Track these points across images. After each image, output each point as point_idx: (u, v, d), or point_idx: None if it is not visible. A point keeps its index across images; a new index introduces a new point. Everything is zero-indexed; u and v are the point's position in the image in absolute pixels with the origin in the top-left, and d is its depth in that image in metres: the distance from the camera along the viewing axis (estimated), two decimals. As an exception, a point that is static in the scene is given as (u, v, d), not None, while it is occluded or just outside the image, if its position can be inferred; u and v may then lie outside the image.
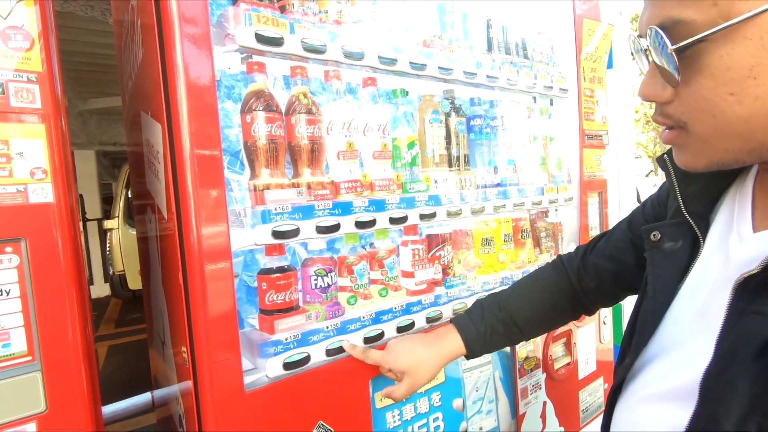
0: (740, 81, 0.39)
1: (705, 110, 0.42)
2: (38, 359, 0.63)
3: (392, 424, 1.05)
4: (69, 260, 0.66)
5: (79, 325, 0.66)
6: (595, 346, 1.62)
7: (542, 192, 1.40)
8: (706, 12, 0.38)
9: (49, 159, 0.64)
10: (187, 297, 0.79)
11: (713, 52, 0.39)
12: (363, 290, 1.02)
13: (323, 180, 0.94)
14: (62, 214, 0.65)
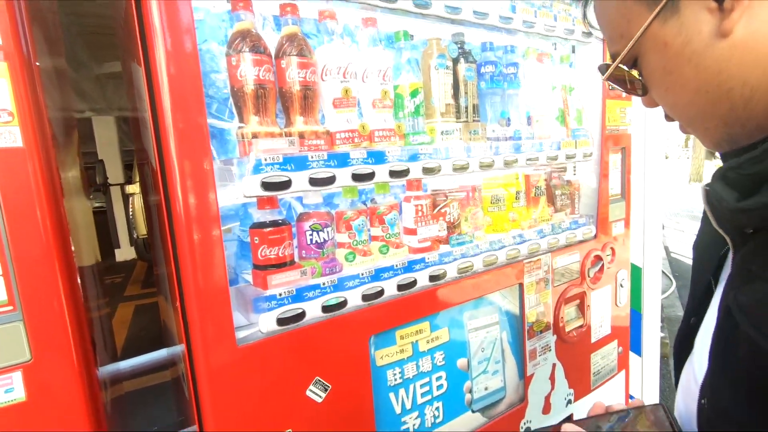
0: (663, 78, 0.50)
1: (668, 105, 0.52)
2: (19, 309, 0.62)
3: (393, 382, 1.04)
4: (45, 208, 0.63)
5: (61, 273, 0.64)
6: (611, 309, 1.57)
7: (559, 146, 1.31)
8: (619, 43, 0.51)
9: (15, 100, 0.60)
10: (175, 250, 0.76)
11: (644, 66, 0.50)
12: (362, 247, 0.98)
13: (317, 129, 0.88)
14: (35, 160, 0.62)
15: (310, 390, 0.88)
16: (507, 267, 1.21)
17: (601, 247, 1.47)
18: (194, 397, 0.80)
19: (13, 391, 0.62)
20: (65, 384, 0.66)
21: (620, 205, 1.54)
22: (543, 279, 1.30)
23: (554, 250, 1.33)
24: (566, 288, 1.38)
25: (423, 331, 1.08)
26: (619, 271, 1.58)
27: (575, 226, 1.41)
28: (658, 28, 0.47)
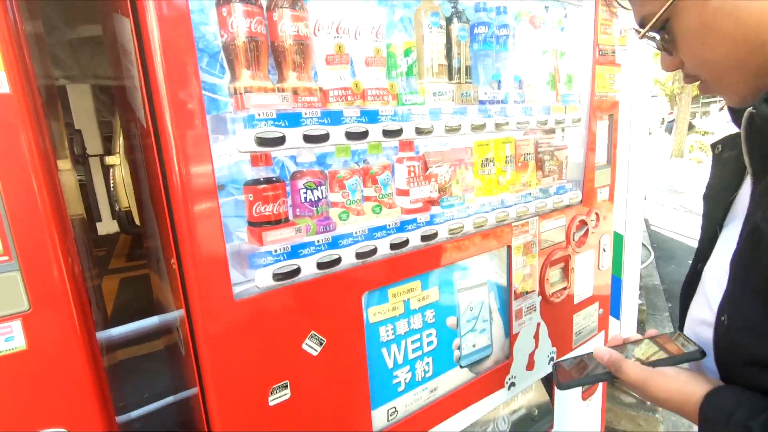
0: (699, 33, 0.53)
1: (700, 60, 0.56)
2: (15, 259, 0.62)
3: (386, 338, 1.07)
4: (36, 156, 0.62)
5: (55, 224, 0.64)
6: (593, 272, 1.62)
7: (549, 111, 1.32)
8: (654, 4, 0.55)
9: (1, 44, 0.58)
10: (170, 206, 0.76)
11: (676, 27, 0.55)
12: (355, 206, 0.99)
13: (311, 86, 0.87)
14: (22, 106, 0.60)
15: (306, 344, 0.90)
16: (496, 229, 1.24)
17: (587, 213, 1.51)
18: (194, 356, 0.82)
19: (13, 339, 0.62)
20: (65, 334, 0.67)
21: (606, 171, 1.58)
22: (530, 242, 1.34)
23: (541, 214, 1.36)
24: (552, 251, 1.42)
25: (414, 290, 1.11)
26: (602, 236, 1.63)
27: (562, 191, 1.44)
28: None
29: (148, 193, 1.09)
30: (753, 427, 0.50)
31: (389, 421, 1.10)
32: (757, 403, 0.52)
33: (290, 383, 0.89)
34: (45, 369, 0.66)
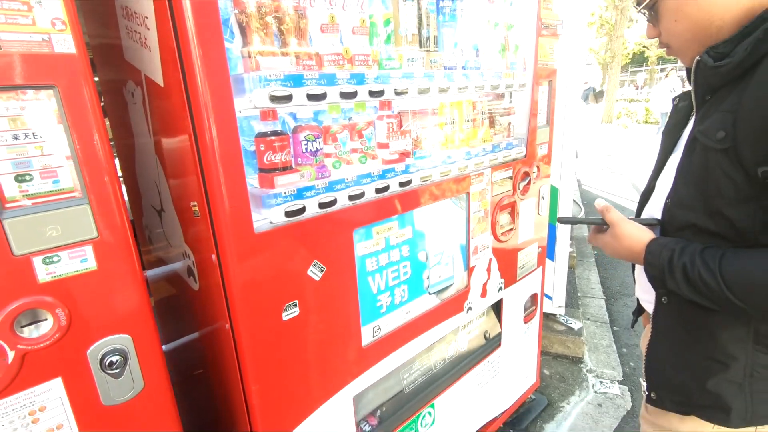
0: (675, 12, 0.79)
1: (671, 32, 0.82)
2: (84, 194, 0.75)
3: (371, 268, 1.29)
4: (96, 110, 0.74)
5: (109, 163, 0.76)
6: (534, 217, 1.92)
7: (500, 77, 1.54)
8: None
9: (66, 10, 0.68)
10: (199, 153, 0.89)
11: (660, 6, 0.81)
12: (345, 156, 1.17)
13: (309, 51, 1.02)
14: (85, 66, 0.72)
15: (310, 270, 1.09)
16: (457, 178, 1.47)
17: (529, 165, 1.79)
18: (222, 283, 0.98)
19: (86, 261, 0.76)
20: (125, 257, 0.81)
21: (545, 130, 1.85)
22: (484, 189, 1.59)
23: (493, 166, 1.61)
24: (501, 198, 1.68)
25: (392, 229, 1.32)
26: (541, 186, 1.92)
27: (510, 147, 1.69)
28: None
29: (148, 148, 1.19)
30: (675, 248, 0.79)
31: (374, 337, 1.33)
32: (683, 242, 0.80)
33: (299, 302, 1.08)
34: (111, 285, 0.80)
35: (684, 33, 0.80)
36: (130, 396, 0.86)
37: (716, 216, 0.77)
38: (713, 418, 0.84)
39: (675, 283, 0.78)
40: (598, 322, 3.07)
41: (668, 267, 0.79)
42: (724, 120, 0.74)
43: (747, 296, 0.70)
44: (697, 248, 0.77)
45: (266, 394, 1.06)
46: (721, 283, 0.72)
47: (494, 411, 1.96)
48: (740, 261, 0.72)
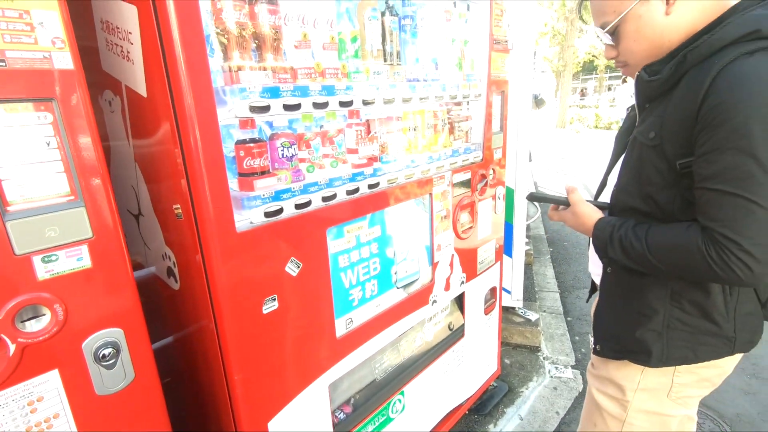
0: (634, 35, 0.93)
1: (630, 52, 0.96)
2: (80, 197, 0.81)
3: (343, 265, 1.39)
4: (92, 122, 0.81)
5: (103, 168, 0.83)
6: (491, 215, 2.09)
7: (458, 88, 1.69)
8: (612, 16, 0.93)
9: (66, 30, 0.75)
10: (184, 159, 0.97)
11: (621, 30, 0.94)
12: (318, 161, 1.27)
13: (284, 65, 1.12)
14: (82, 81, 0.78)
15: (288, 266, 1.18)
16: (421, 180, 1.59)
17: (486, 168, 1.95)
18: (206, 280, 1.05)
19: (82, 259, 0.82)
20: (117, 256, 0.87)
21: (499, 136, 2.02)
22: (445, 191, 1.73)
23: (453, 169, 1.75)
24: (461, 198, 1.83)
25: (362, 228, 1.43)
26: (497, 188, 2.09)
27: (468, 151, 1.84)
28: (637, 8, 0.90)
29: (127, 154, 1.24)
30: (615, 224, 0.97)
31: (347, 329, 1.43)
32: (622, 219, 0.99)
33: (277, 296, 1.17)
34: (105, 282, 0.86)
35: (641, 52, 0.94)
36: (122, 386, 0.92)
37: (648, 199, 0.96)
38: (639, 360, 1.03)
39: (614, 251, 0.97)
40: (553, 314, 3.30)
41: (609, 239, 0.98)
42: (655, 123, 0.92)
43: (661, 256, 0.89)
44: (630, 223, 0.96)
45: (248, 383, 1.14)
46: (645, 248, 0.90)
47: (460, 398, 2.10)
48: (659, 230, 0.91)
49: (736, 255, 0.77)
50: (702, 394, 1.07)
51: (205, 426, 1.31)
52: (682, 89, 0.86)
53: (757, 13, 0.82)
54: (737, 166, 0.76)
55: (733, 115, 0.76)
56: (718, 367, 1.01)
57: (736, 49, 0.80)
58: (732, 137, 0.76)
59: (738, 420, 2.24)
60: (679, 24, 0.89)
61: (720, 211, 0.79)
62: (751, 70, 0.77)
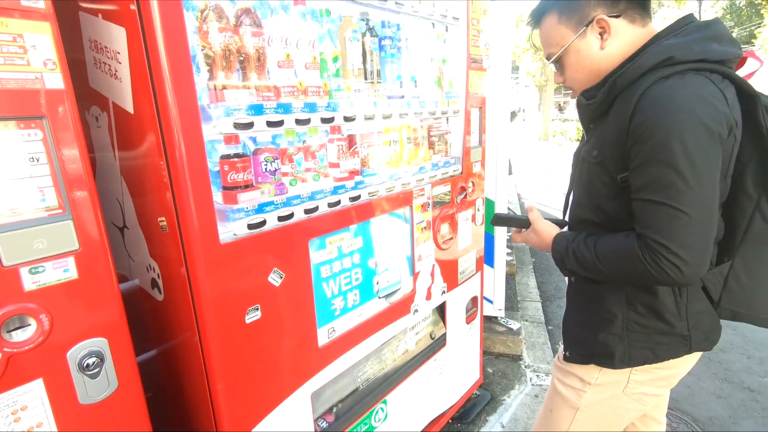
0: (575, 65, 1.04)
1: (573, 79, 1.08)
2: (68, 211, 0.84)
3: (325, 275, 1.43)
4: (80, 138, 0.84)
5: (91, 185, 0.87)
6: (471, 227, 2.15)
7: (437, 104, 1.76)
8: (556, 48, 1.04)
9: (57, 52, 0.79)
10: (170, 173, 1.01)
11: (564, 61, 1.06)
12: (301, 175, 1.32)
13: (268, 84, 1.17)
14: (71, 99, 0.82)
15: (271, 277, 1.22)
16: (401, 193, 1.65)
17: (465, 181, 2.02)
18: (190, 291, 1.08)
19: (69, 271, 0.84)
20: (103, 267, 0.90)
21: (478, 150, 2.09)
22: (426, 203, 1.79)
23: (433, 182, 1.81)
24: (441, 210, 1.89)
25: (344, 239, 1.48)
26: (477, 199, 2.16)
27: (447, 165, 1.91)
28: (576, 43, 1.02)
29: (112, 168, 1.26)
30: (569, 238, 1.05)
31: (329, 338, 1.47)
32: (576, 233, 1.07)
33: (260, 306, 1.20)
34: (90, 292, 0.89)
35: (582, 80, 1.06)
36: (106, 395, 0.94)
37: (598, 211, 1.04)
38: (604, 363, 1.10)
39: (570, 262, 1.05)
40: (535, 323, 3.37)
41: (565, 251, 1.06)
42: (597, 142, 1.01)
43: (607, 263, 0.97)
44: (582, 236, 1.04)
45: (230, 392, 1.16)
46: (595, 257, 0.98)
47: (442, 406, 2.14)
48: (604, 240, 0.99)
49: (667, 258, 0.85)
50: (658, 393, 1.13)
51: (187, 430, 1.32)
52: (615, 111, 0.96)
53: (670, 42, 0.93)
54: (661, 178, 0.85)
55: (655, 133, 0.85)
56: (675, 367, 1.08)
57: (655, 74, 0.89)
58: (655, 152, 0.85)
59: (710, 422, 2.32)
60: (612, 55, 0.99)
61: (651, 219, 0.88)
62: (667, 92, 0.86)
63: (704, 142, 0.84)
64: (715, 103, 0.86)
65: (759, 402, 2.46)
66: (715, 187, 0.87)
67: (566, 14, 1.02)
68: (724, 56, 0.91)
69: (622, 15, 0.98)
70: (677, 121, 0.83)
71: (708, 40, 0.91)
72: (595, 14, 0.98)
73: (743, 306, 1.03)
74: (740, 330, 3.20)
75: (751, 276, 1.00)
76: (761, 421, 2.33)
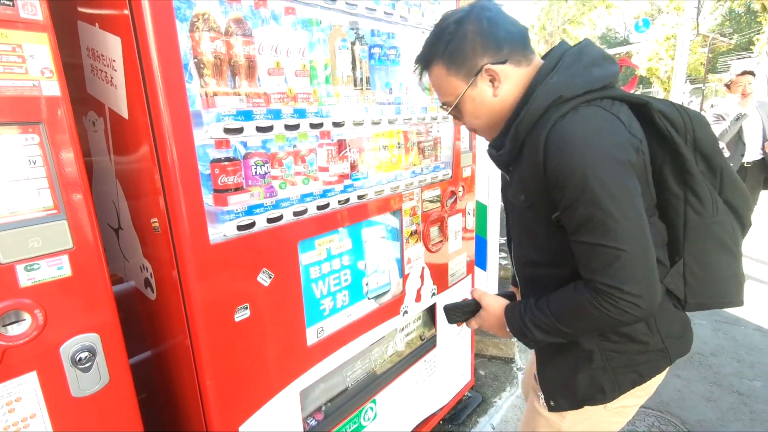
0: (471, 112, 1.04)
1: (472, 124, 1.08)
2: (63, 211, 0.88)
3: (314, 276, 1.47)
4: (75, 142, 0.89)
5: (86, 188, 0.91)
6: (462, 230, 2.19)
7: (426, 110, 1.81)
8: (451, 98, 1.03)
9: (54, 61, 0.84)
10: (162, 176, 1.05)
11: (461, 108, 1.04)
12: (290, 179, 1.36)
13: (258, 91, 1.22)
14: (67, 106, 0.87)
15: (260, 276, 1.26)
16: (390, 197, 1.69)
17: (455, 185, 2.06)
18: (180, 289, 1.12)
19: (63, 268, 0.89)
20: (95, 265, 0.94)
21: (468, 154, 2.14)
22: (415, 206, 1.83)
23: (423, 186, 1.86)
24: (431, 213, 1.93)
25: (334, 241, 1.52)
26: (467, 203, 2.20)
27: (437, 169, 1.96)
28: (470, 92, 1.01)
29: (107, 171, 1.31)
30: (520, 307, 1.03)
31: (318, 337, 1.50)
32: (524, 301, 1.03)
33: (249, 305, 1.24)
34: (83, 289, 0.93)
35: (483, 124, 1.06)
36: (97, 388, 0.97)
37: (541, 251, 1.05)
38: (597, 401, 1.06)
39: (532, 333, 0.99)
40: (528, 326, 3.39)
41: (522, 323, 1.01)
42: (520, 187, 1.01)
43: (568, 322, 0.94)
44: (532, 302, 1.00)
45: (220, 388, 1.20)
46: (554, 320, 0.95)
47: (433, 407, 2.17)
48: (555, 298, 0.96)
49: (622, 299, 0.84)
50: (638, 403, 1.14)
51: (177, 427, 1.35)
52: (527, 154, 0.96)
53: (554, 81, 0.93)
54: (590, 219, 0.85)
55: (571, 176, 0.85)
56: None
57: (551, 114, 0.90)
58: (576, 194, 0.85)
59: (699, 425, 2.35)
60: (506, 99, 1.00)
61: (593, 262, 0.87)
62: (568, 132, 0.87)
63: (617, 173, 0.86)
64: (614, 131, 0.88)
65: (747, 405, 2.49)
66: (641, 214, 0.88)
67: (454, 66, 1.00)
68: (606, 80, 0.94)
69: (508, 60, 0.98)
70: (586, 160, 0.84)
71: (587, 67, 0.94)
72: (482, 63, 0.97)
73: (706, 296, 1.04)
74: (731, 334, 3.23)
75: (702, 267, 1.02)
76: (749, 424, 2.35)
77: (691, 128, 0.98)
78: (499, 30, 0.97)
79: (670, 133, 0.95)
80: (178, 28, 1.12)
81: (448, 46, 0.99)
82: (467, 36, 0.97)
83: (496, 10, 0.99)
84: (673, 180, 0.99)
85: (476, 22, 0.97)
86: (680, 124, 0.98)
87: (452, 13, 1.01)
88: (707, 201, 0.99)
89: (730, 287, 1.05)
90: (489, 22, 0.97)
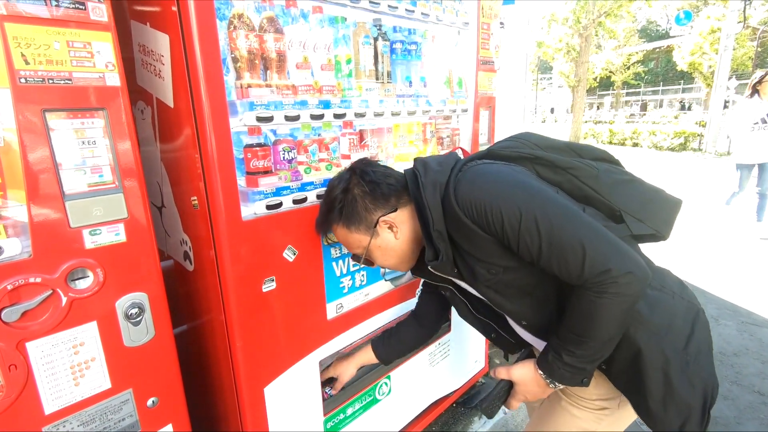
0: (381, 257, 1.20)
1: (384, 264, 1.23)
2: (120, 186, 1.03)
3: (335, 255, 1.59)
4: (131, 125, 1.03)
5: (138, 165, 1.05)
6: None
7: (445, 103, 1.89)
8: (360, 249, 1.20)
9: (116, 57, 0.98)
10: (202, 159, 1.19)
11: (371, 256, 1.20)
12: (315, 164, 1.48)
13: (287, 83, 1.34)
14: (125, 95, 1.01)
15: (285, 252, 1.39)
16: (409, 185, 1.79)
17: (473, 176, 2.13)
18: (216, 260, 1.26)
19: (119, 235, 1.03)
20: (147, 233, 1.09)
21: (487, 146, 2.20)
22: (433, 195, 1.92)
23: (440, 176, 1.94)
24: (448, 202, 2.02)
25: (354, 224, 1.63)
26: (485, 194, 2.27)
27: (456, 160, 2.03)
28: (374, 241, 1.16)
29: (156, 154, 1.47)
30: (549, 353, 1.00)
31: (337, 313, 1.63)
32: (549, 348, 1.01)
33: (276, 278, 1.37)
34: (135, 254, 1.08)
35: (394, 263, 1.23)
36: (145, 340, 1.13)
37: (548, 296, 1.07)
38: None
39: (575, 369, 0.96)
40: (546, 319, 3.42)
41: (564, 367, 0.97)
42: (482, 266, 1.04)
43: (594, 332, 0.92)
44: (554, 341, 0.99)
45: (248, 350, 1.34)
46: (584, 338, 0.93)
47: (446, 389, 2.26)
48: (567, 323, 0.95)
49: (616, 280, 0.87)
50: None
51: (209, 381, 1.51)
52: (457, 234, 1.04)
53: (428, 178, 1.07)
54: (538, 234, 0.91)
55: (492, 210, 0.94)
56: None
57: (447, 190, 1.03)
58: (513, 222, 0.92)
59: (714, 422, 2.34)
60: (408, 237, 1.17)
61: (571, 268, 0.90)
62: (461, 186, 1.01)
63: (522, 176, 1.00)
64: (500, 166, 1.05)
65: (767, 405, 2.46)
66: (569, 205, 0.95)
67: (354, 224, 1.15)
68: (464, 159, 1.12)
69: (398, 207, 1.15)
70: (489, 186, 0.98)
71: (437, 165, 1.11)
72: (377, 217, 1.14)
73: (655, 219, 1.08)
74: (758, 336, 3.16)
75: (627, 202, 1.07)
76: (767, 422, 2.33)
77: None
78: (382, 187, 1.14)
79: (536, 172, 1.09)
80: (218, 27, 1.25)
81: (343, 211, 1.15)
82: (357, 200, 1.14)
83: (372, 171, 1.17)
84: (553, 173, 1.08)
85: (359, 187, 1.15)
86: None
87: (336, 183, 1.19)
88: (584, 166, 1.08)
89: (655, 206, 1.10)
90: (370, 185, 1.14)
